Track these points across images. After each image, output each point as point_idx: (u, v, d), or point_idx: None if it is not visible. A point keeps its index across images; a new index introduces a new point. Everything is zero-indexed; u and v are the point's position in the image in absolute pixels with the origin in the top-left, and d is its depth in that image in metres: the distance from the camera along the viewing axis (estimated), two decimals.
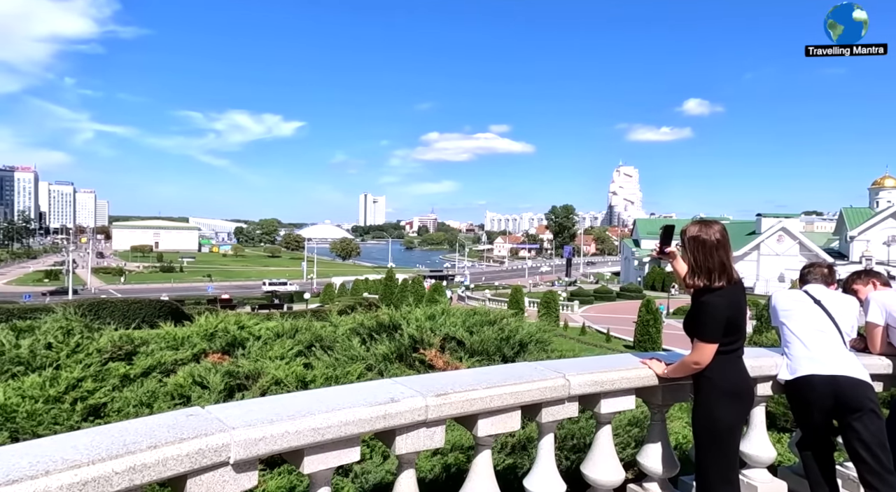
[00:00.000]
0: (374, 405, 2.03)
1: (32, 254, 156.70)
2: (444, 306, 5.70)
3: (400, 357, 4.74)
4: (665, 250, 2.65)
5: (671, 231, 2.66)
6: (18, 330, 4.10)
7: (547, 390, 2.43)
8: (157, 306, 24.75)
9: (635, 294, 60.84)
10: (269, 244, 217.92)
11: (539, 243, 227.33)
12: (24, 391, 3.15)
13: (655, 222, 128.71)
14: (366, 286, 58.91)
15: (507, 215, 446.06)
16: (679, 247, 2.58)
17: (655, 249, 2.70)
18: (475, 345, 4.68)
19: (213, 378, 3.61)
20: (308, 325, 5.53)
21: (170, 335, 4.70)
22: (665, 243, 2.65)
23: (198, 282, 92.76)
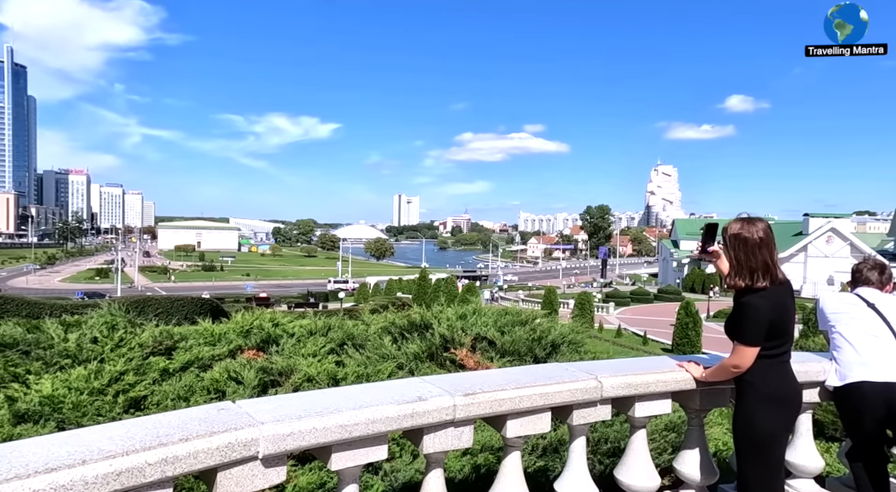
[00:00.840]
0: (402, 403, 2.02)
1: (85, 253, 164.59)
2: (476, 306, 5.67)
3: (431, 356, 4.74)
4: (708, 249, 2.54)
5: (714, 229, 2.55)
6: (67, 325, 4.28)
7: (578, 392, 2.37)
8: (198, 304, 25.58)
9: (674, 296, 59.23)
10: (306, 244, 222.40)
11: (573, 244, 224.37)
12: (70, 383, 3.28)
13: (695, 223, 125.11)
14: (399, 286, 59.36)
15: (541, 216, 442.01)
16: (721, 246, 2.47)
17: (697, 248, 2.59)
18: (506, 345, 4.63)
19: (248, 374, 3.68)
20: (340, 323, 5.59)
21: (207, 332, 4.82)
22: (707, 242, 2.54)
23: (237, 280, 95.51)
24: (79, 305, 23.74)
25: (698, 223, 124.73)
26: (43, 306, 22.43)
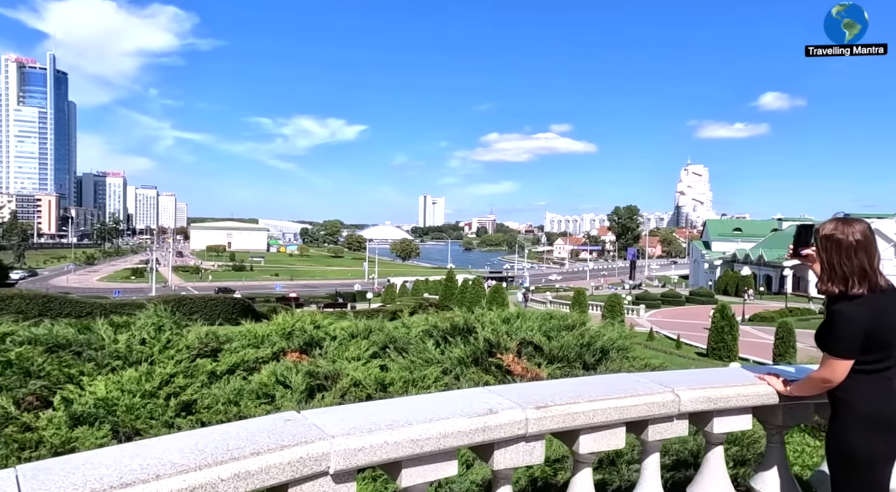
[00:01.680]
0: (473, 417, 1.91)
1: (121, 253, 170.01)
2: (519, 310, 5.54)
3: (476, 361, 4.62)
4: (802, 252, 2.35)
5: (807, 231, 2.36)
6: (116, 325, 4.31)
7: (655, 406, 2.22)
8: (231, 304, 26.05)
9: (706, 299, 57.79)
10: (333, 245, 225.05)
11: (601, 245, 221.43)
12: (122, 385, 3.28)
13: (728, 223, 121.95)
14: (426, 287, 59.44)
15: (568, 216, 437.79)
16: (814, 248, 2.29)
17: (790, 250, 2.40)
18: (554, 351, 4.48)
19: (295, 378, 3.63)
20: (381, 326, 5.53)
21: (251, 333, 4.81)
22: (800, 244, 2.36)
23: (266, 280, 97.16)
24: (117, 304, 24.42)
25: (730, 224, 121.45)
26: (84, 305, 23.15)
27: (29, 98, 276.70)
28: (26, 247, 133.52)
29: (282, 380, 3.66)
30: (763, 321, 41.10)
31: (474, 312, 5.71)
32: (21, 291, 23.99)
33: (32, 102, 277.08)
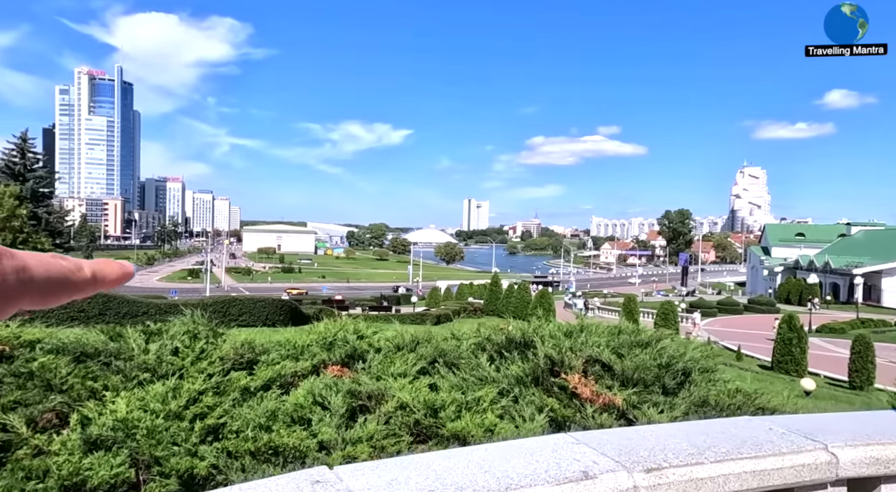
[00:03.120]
0: (563, 483, 1.40)
1: (179, 254, 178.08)
2: (581, 321, 4.97)
3: (536, 381, 4.09)
4: None
5: None
6: (149, 333, 4.04)
7: (804, 470, 1.65)
8: (278, 306, 26.35)
9: (767, 307, 54.62)
10: (378, 248, 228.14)
11: (650, 250, 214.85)
12: (146, 403, 2.95)
13: (789, 228, 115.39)
14: (470, 291, 58.91)
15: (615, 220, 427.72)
16: None
17: None
18: (628, 371, 3.89)
19: (335, 399, 3.22)
20: (428, 337, 5.09)
21: (290, 343, 4.46)
22: None
23: (314, 282, 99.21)
24: (171, 304, 25.14)
25: (792, 229, 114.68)
26: (141, 304, 23.94)
27: (98, 108, 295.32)
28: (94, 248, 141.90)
29: (320, 401, 3.25)
30: (832, 333, 38.34)
31: (530, 323, 5.20)
32: None
33: (101, 112, 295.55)
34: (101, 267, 0.42)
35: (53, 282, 0.37)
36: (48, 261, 0.38)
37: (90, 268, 0.41)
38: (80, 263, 0.41)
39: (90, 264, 0.42)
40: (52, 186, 67.88)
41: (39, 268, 0.36)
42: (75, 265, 0.40)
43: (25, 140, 59.75)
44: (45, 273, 0.37)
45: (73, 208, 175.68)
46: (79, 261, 0.41)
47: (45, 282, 0.37)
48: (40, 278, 0.36)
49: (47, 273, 0.37)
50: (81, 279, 0.40)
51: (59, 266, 0.38)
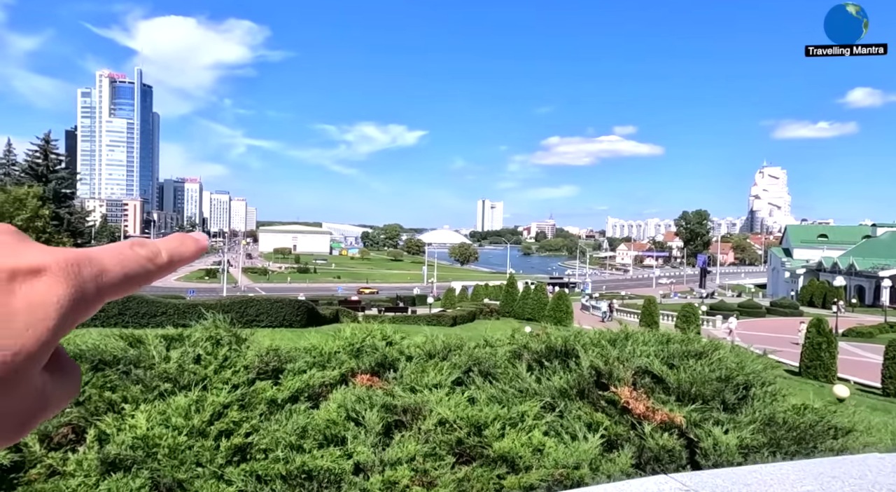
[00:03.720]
0: None
1: None
2: (625, 329, 4.66)
3: (581, 394, 3.79)
4: None
5: None
6: (170, 339, 3.82)
7: None
8: (295, 306, 26.28)
9: (790, 310, 53.39)
10: (392, 248, 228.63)
11: (667, 251, 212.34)
12: (167, 418, 2.72)
13: (811, 229, 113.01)
14: (486, 292, 58.55)
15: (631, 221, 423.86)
16: None
17: None
18: (683, 385, 3.57)
19: (369, 414, 2.96)
20: (459, 343, 4.83)
21: (316, 350, 4.23)
22: None
23: (328, 282, 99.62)
24: (189, 304, 25.22)
25: (814, 230, 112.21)
26: (159, 305, 24.03)
27: (119, 110, 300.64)
28: None
29: (353, 416, 3.00)
30: (860, 337, 37.28)
31: (567, 328, 4.89)
32: None
33: (121, 114, 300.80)
34: (176, 247, 0.41)
35: (131, 278, 0.36)
36: (126, 256, 0.36)
37: (167, 251, 0.40)
38: (158, 247, 0.39)
39: (167, 247, 0.40)
40: (73, 187, 69.02)
41: (117, 268, 0.35)
42: (152, 252, 0.38)
43: (48, 142, 60.80)
44: (123, 273, 0.36)
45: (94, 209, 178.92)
46: (156, 245, 0.39)
47: (123, 281, 0.36)
48: (118, 279, 0.35)
49: (125, 272, 0.36)
50: (158, 267, 0.39)
51: (137, 261, 0.37)
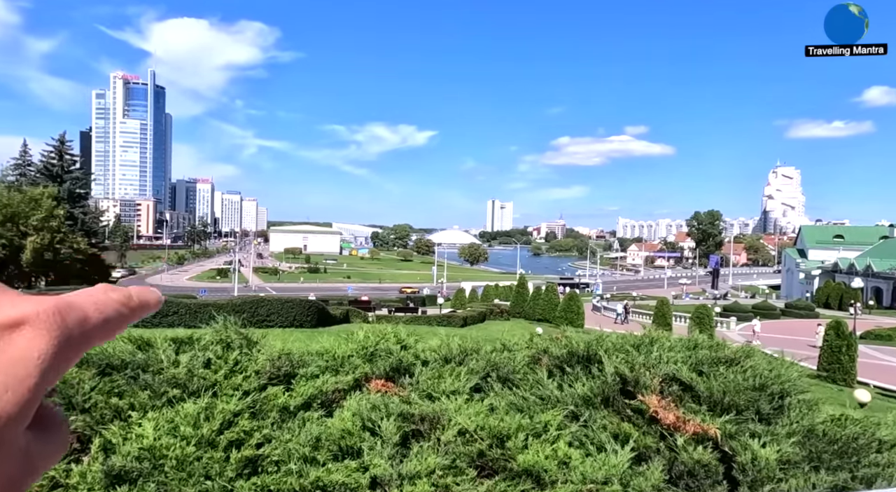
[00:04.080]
0: None
1: (208, 254, 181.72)
2: (650, 333, 4.48)
3: (606, 402, 3.62)
4: None
5: None
6: (179, 343, 3.71)
7: None
8: (306, 306, 26.28)
9: (805, 312, 52.59)
10: (402, 248, 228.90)
11: (679, 252, 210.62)
12: (176, 426, 2.60)
13: (827, 230, 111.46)
14: (496, 292, 58.33)
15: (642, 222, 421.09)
16: None
17: None
18: (715, 393, 3.39)
19: (386, 424, 2.81)
20: (476, 346, 4.68)
21: (329, 354, 4.10)
22: None
23: (339, 282, 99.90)
24: (200, 304, 25.30)
25: (830, 231, 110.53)
26: (171, 304, 24.11)
27: (132, 111, 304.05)
28: (127, 248, 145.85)
29: (369, 426, 2.85)
30: (879, 340, 36.59)
31: (588, 332, 4.73)
32: None
33: (135, 115, 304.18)
34: (141, 294, 0.42)
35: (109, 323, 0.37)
36: (102, 301, 0.37)
37: (137, 296, 0.41)
38: (129, 293, 0.40)
39: (135, 292, 0.41)
40: (87, 187, 69.79)
41: (96, 314, 0.36)
42: (125, 296, 0.39)
43: (63, 143, 61.54)
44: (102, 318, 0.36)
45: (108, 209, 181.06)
46: (126, 291, 0.40)
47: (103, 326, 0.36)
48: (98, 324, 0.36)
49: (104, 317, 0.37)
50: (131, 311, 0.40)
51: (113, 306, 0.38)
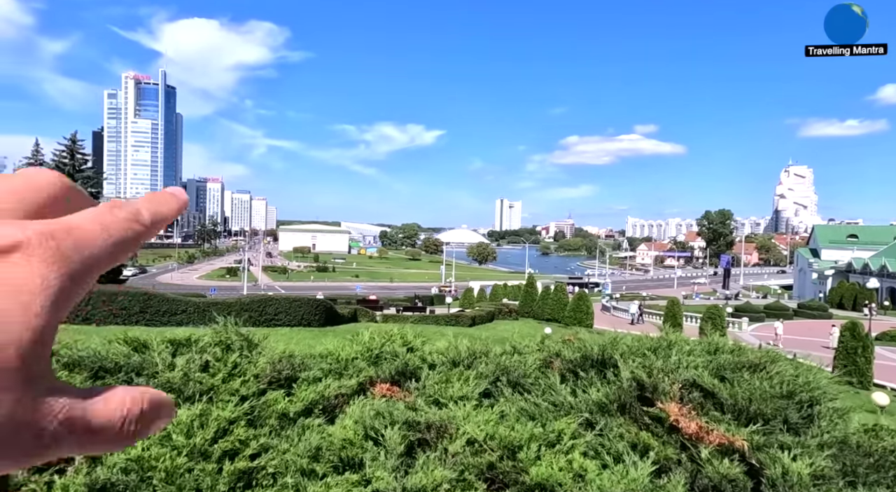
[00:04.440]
0: None
1: (218, 253, 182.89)
2: (668, 335, 4.28)
3: (622, 409, 3.43)
4: None
5: None
6: (177, 344, 3.57)
7: None
8: (314, 305, 26.21)
9: (818, 312, 51.82)
10: (410, 247, 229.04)
11: (689, 251, 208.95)
12: (167, 434, 2.45)
13: (840, 229, 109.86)
14: (505, 292, 58.04)
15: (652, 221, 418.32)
16: None
17: None
18: (740, 401, 3.19)
19: (390, 433, 2.65)
20: (485, 349, 4.51)
21: (332, 356, 3.95)
22: None
23: (347, 281, 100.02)
24: (209, 303, 25.32)
25: (843, 230, 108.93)
26: (180, 303, 24.16)
27: (143, 111, 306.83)
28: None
29: (372, 435, 2.69)
30: (895, 341, 35.91)
31: (602, 334, 4.54)
32: (125, 289, 25.48)
33: (146, 115, 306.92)
34: (156, 208, 0.37)
35: (118, 243, 0.33)
36: (108, 221, 0.33)
37: (147, 211, 0.36)
38: (137, 207, 0.36)
39: (147, 207, 0.36)
40: (99, 187, 70.38)
41: (103, 236, 0.32)
42: (132, 213, 0.35)
43: (74, 142, 62.08)
44: (112, 239, 0.33)
45: None
46: (134, 204, 0.36)
47: (112, 248, 0.33)
48: (107, 247, 0.32)
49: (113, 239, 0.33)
50: (144, 227, 0.35)
51: (122, 225, 0.34)
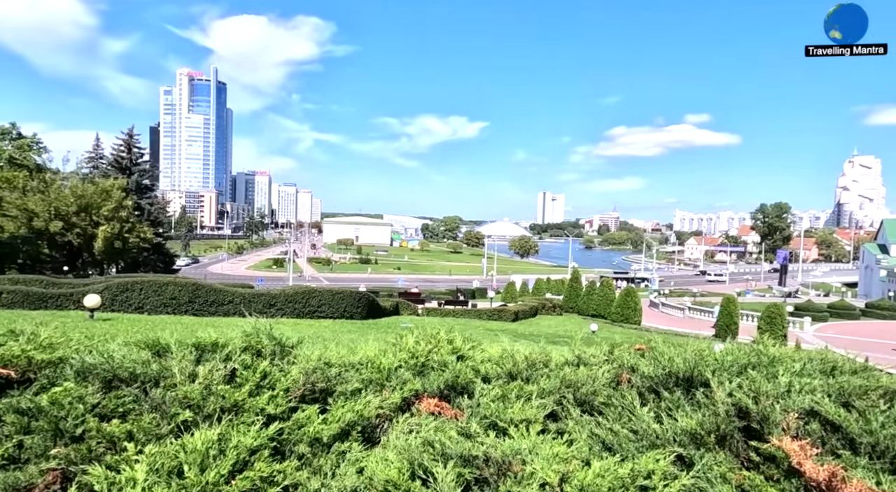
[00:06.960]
0: None
1: (265, 244, 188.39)
2: (765, 346, 3.61)
3: (721, 441, 2.82)
4: None
5: None
6: (202, 350, 3.19)
7: None
8: (356, 298, 26.19)
9: (890, 313, 48.24)
10: (452, 240, 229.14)
11: (742, 246, 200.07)
12: (178, 465, 2.04)
13: None
14: (548, 286, 56.92)
15: (701, 214, 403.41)
16: None
17: None
18: (882, 440, 2.52)
19: (442, 473, 2.15)
20: (545, 358, 3.98)
21: (373, 365, 3.49)
22: None
23: (389, 273, 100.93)
24: (254, 294, 25.67)
25: None
26: (227, 294, 24.57)
27: (196, 107, 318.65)
28: (191, 237, 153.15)
29: (420, 474, 2.20)
30: None
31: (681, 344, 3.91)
32: (175, 279, 26.13)
33: (199, 111, 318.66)
34: None
35: None
36: None
37: None
38: None
39: None
40: (154, 179, 73.28)
41: None
42: None
43: (131, 136, 64.73)
44: None
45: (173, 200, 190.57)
46: None
47: None
48: None
49: None
50: None
51: None
